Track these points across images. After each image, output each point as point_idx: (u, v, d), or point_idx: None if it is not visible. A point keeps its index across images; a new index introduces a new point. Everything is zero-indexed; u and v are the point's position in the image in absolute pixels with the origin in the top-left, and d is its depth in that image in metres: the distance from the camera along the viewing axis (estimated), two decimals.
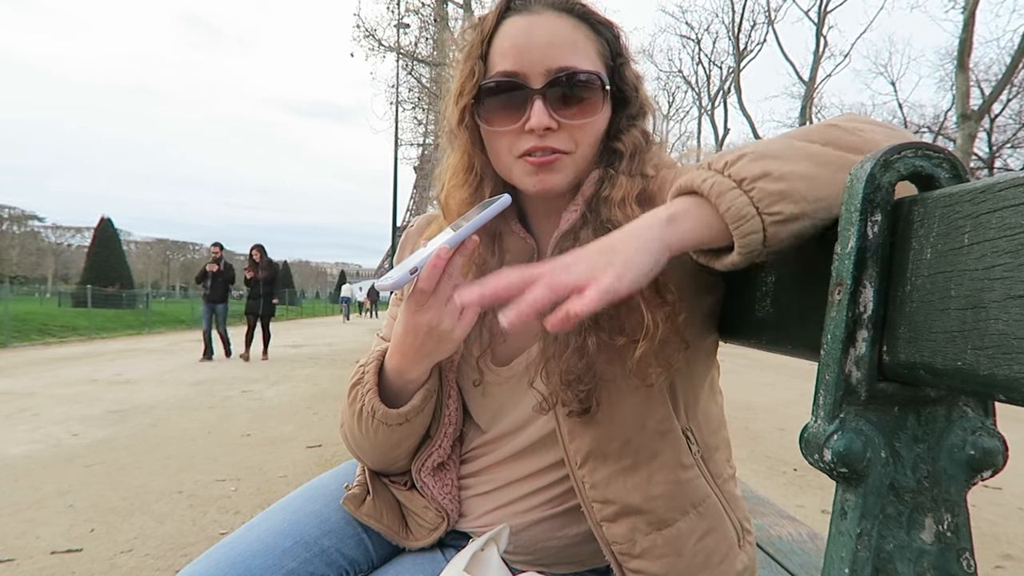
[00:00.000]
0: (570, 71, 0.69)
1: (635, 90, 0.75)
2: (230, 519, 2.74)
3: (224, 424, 4.77)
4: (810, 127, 0.58)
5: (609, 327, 0.69)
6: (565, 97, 0.70)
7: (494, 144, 0.74)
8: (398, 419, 0.74)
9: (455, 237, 0.63)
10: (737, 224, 0.52)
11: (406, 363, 0.72)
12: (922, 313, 0.41)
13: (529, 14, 0.71)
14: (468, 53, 0.73)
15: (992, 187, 0.37)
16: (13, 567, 2.26)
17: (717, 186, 0.53)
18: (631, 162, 0.73)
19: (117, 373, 7.76)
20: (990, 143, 22.92)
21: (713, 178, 0.54)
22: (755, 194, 0.52)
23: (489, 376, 0.80)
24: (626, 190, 0.71)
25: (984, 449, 0.44)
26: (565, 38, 0.70)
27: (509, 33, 0.71)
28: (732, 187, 0.52)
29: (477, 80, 0.71)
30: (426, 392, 0.76)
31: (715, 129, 30.69)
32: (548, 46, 0.69)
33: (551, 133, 0.70)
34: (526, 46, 0.69)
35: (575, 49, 0.70)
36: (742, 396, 6.30)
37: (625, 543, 0.73)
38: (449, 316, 0.66)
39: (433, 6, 16.71)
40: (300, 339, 14.52)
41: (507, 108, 0.71)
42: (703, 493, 0.75)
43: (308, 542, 0.79)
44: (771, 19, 26.94)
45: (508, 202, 0.66)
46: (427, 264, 0.62)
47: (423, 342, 0.68)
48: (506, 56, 0.70)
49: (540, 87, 0.69)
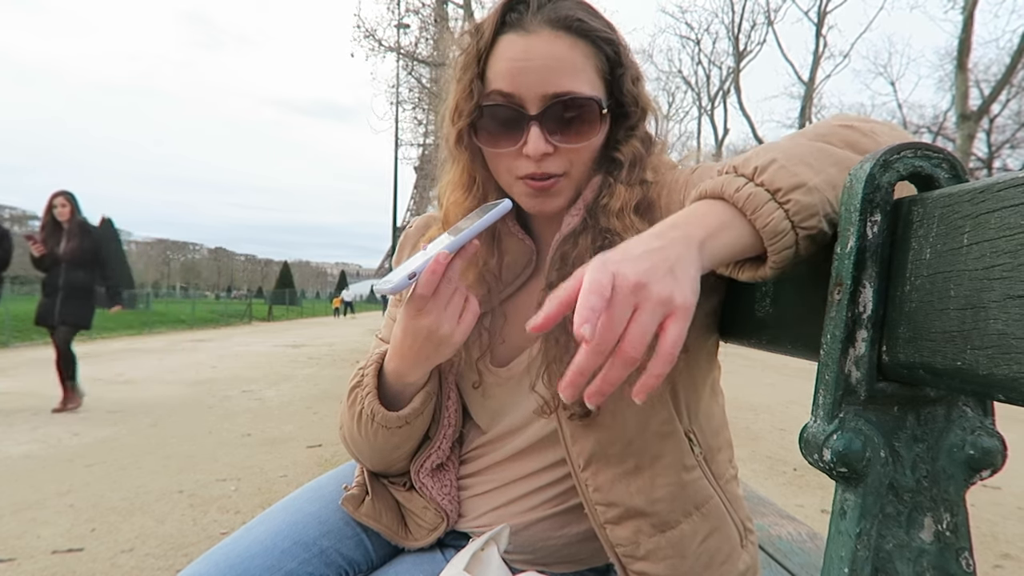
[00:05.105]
0: (567, 96, 0.68)
1: (635, 101, 0.74)
2: (230, 519, 2.74)
3: (224, 424, 4.76)
4: (826, 127, 0.56)
5: None
6: (562, 121, 0.69)
7: (494, 162, 0.74)
8: (397, 422, 0.74)
9: (455, 242, 0.63)
10: (773, 240, 0.50)
11: (405, 366, 0.72)
12: (921, 313, 0.41)
13: (526, 34, 0.68)
14: (465, 67, 0.72)
15: (991, 187, 0.37)
16: (14, 567, 2.26)
17: (753, 198, 0.50)
18: (630, 171, 0.73)
19: (117, 373, 7.76)
20: (989, 143, 22.91)
21: (747, 187, 0.51)
22: (791, 207, 0.49)
23: (489, 377, 0.80)
24: (624, 200, 0.71)
25: (983, 449, 0.44)
26: (562, 60, 0.68)
27: (506, 54, 0.69)
28: (768, 199, 0.50)
29: (476, 102, 0.70)
30: (426, 395, 0.76)
31: (715, 129, 30.68)
32: (545, 70, 0.67)
33: (548, 157, 0.70)
34: (523, 69, 0.68)
35: (573, 71, 0.68)
36: (742, 396, 6.30)
37: (629, 545, 0.73)
38: (448, 320, 0.66)
39: (433, 6, 16.71)
40: (300, 339, 14.52)
41: (505, 130, 0.70)
42: (706, 494, 0.75)
43: (307, 543, 0.79)
44: (771, 19, 26.94)
45: (509, 207, 0.66)
46: (426, 269, 0.62)
47: (422, 346, 0.68)
48: (503, 77, 0.69)
49: (536, 113, 0.68)
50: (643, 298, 0.46)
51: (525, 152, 0.69)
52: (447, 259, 0.62)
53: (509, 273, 0.79)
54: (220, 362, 9.25)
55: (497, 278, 0.79)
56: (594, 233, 0.71)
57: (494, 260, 0.78)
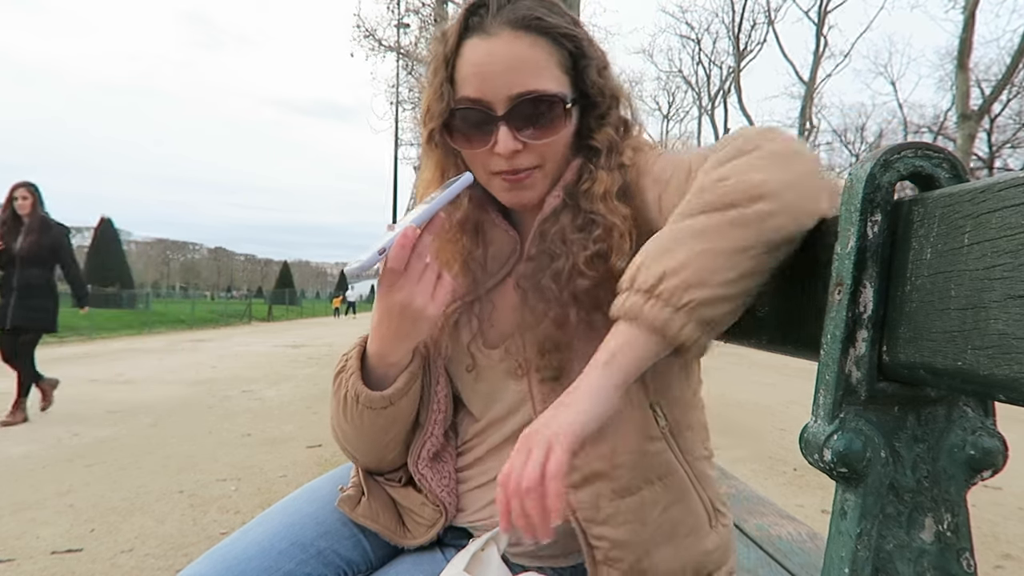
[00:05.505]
0: (531, 95, 0.71)
1: (601, 91, 0.76)
2: (231, 519, 2.74)
3: (224, 424, 4.76)
4: (690, 198, 0.61)
5: (588, 302, 0.72)
6: (529, 119, 0.72)
7: (470, 160, 0.77)
8: (382, 402, 0.75)
9: (421, 216, 0.65)
10: (664, 330, 0.57)
11: (386, 346, 0.73)
12: (922, 313, 0.41)
13: (488, 37, 0.71)
14: (435, 71, 0.75)
15: (992, 187, 0.37)
16: (14, 567, 2.26)
17: (632, 308, 0.58)
18: (608, 157, 0.76)
19: (117, 373, 7.76)
20: (990, 143, 22.91)
21: (627, 300, 0.59)
22: (664, 295, 0.56)
23: (481, 360, 0.81)
24: (607, 185, 0.73)
25: (984, 449, 0.44)
26: (524, 60, 0.71)
27: (470, 59, 0.72)
28: (643, 301, 0.58)
29: (446, 104, 0.73)
30: (409, 375, 0.77)
31: (715, 129, 30.70)
32: (508, 71, 0.71)
33: (518, 154, 0.73)
34: (488, 73, 0.71)
35: (536, 70, 0.71)
36: (743, 396, 6.30)
37: (589, 509, 0.74)
38: (422, 294, 0.68)
39: (433, 6, 16.70)
40: (300, 339, 14.51)
41: (475, 133, 0.74)
42: (670, 467, 0.77)
43: (304, 543, 0.80)
44: (771, 19, 26.95)
45: (470, 180, 0.69)
46: (395, 243, 0.63)
47: (399, 323, 0.70)
48: (469, 83, 0.72)
49: (503, 113, 0.71)
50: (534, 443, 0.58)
51: (496, 151, 0.72)
52: (415, 233, 0.64)
53: (494, 263, 0.82)
54: (220, 362, 9.25)
55: (483, 268, 0.81)
56: (574, 213, 0.74)
57: (479, 251, 0.80)
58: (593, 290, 0.71)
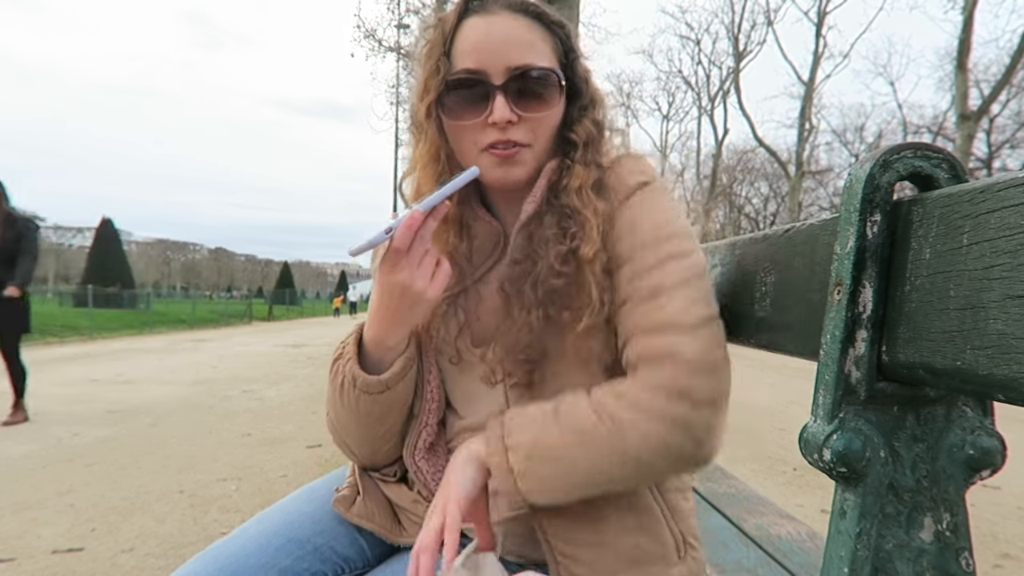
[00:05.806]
0: (528, 68, 0.74)
1: (586, 83, 0.81)
2: (231, 518, 2.75)
3: (224, 424, 4.77)
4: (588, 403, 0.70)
5: (556, 303, 0.73)
6: (524, 92, 0.75)
7: (459, 137, 0.78)
8: (379, 387, 0.75)
9: (428, 201, 0.66)
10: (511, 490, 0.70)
11: (383, 330, 0.74)
12: (921, 313, 0.41)
13: (487, 15, 0.76)
14: (430, 51, 0.78)
15: (991, 187, 0.37)
16: (14, 567, 2.26)
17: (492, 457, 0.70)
18: (585, 151, 0.78)
19: (118, 373, 7.76)
20: (989, 143, 22.91)
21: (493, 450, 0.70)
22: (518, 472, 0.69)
23: (466, 355, 0.81)
24: (583, 179, 0.76)
25: (983, 449, 0.44)
26: (521, 37, 0.75)
27: (469, 34, 0.75)
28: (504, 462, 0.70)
29: (443, 77, 0.76)
30: (405, 360, 0.77)
31: (715, 129, 30.71)
32: (506, 44, 0.74)
33: (512, 126, 0.75)
34: (486, 45, 0.74)
35: (531, 47, 0.75)
36: (742, 396, 6.30)
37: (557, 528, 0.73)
38: (421, 277, 0.69)
39: (433, 6, 16.71)
40: (300, 339, 14.52)
41: (471, 103, 0.75)
42: (640, 497, 0.75)
43: (301, 540, 0.80)
44: (771, 20, 26.97)
45: (477, 172, 0.71)
46: (402, 224, 0.65)
47: (398, 305, 0.70)
48: (468, 55, 0.75)
49: (501, 83, 0.74)
50: None
51: (491, 120, 0.74)
52: (421, 216, 0.66)
53: (479, 256, 0.83)
54: (220, 362, 9.25)
55: (468, 260, 0.82)
56: (553, 212, 0.76)
57: (464, 244, 0.81)
58: (565, 288, 0.73)
